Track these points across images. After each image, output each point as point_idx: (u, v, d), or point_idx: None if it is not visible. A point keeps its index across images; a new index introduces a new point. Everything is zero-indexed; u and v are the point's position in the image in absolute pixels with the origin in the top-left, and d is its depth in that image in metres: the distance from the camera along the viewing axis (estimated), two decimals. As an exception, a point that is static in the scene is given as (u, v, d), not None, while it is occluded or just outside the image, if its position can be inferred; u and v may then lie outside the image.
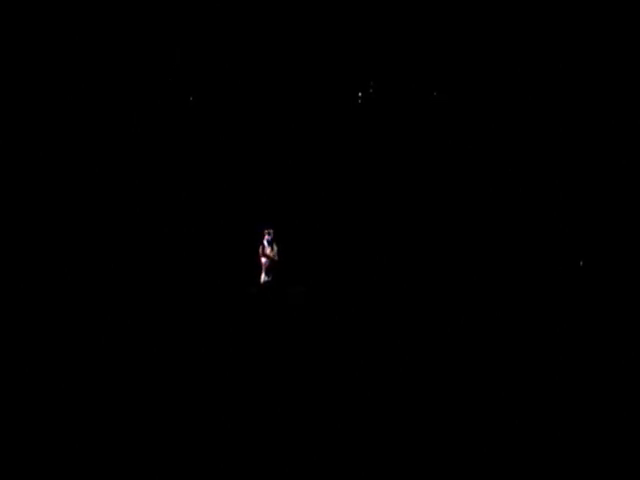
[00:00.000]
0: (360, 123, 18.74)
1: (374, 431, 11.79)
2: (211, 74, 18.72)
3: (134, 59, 18.53)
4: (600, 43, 18.23)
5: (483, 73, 18.51)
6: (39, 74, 18.21)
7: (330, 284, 16.60)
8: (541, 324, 14.52)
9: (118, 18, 18.46)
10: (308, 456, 11.37)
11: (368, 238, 17.73)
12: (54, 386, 12.98)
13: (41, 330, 14.54)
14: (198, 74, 18.72)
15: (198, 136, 18.62)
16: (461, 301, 15.56)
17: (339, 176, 18.40)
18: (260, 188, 18.28)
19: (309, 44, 18.64)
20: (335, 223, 18.03)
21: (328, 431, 11.85)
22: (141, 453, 11.54)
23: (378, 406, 12.40)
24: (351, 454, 11.37)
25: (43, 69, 18.25)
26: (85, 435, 11.88)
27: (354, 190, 18.28)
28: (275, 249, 16.58)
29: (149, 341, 14.39)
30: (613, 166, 17.73)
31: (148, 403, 12.51)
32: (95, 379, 13.13)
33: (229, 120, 18.69)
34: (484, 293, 15.83)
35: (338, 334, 14.91)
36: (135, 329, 14.80)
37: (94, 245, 17.25)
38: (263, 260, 16.58)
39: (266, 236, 16.54)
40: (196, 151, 18.47)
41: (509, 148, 18.25)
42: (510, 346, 13.86)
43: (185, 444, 11.67)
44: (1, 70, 18.07)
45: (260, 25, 18.64)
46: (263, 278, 16.60)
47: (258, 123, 18.49)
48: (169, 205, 18.10)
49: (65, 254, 17.00)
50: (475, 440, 11.55)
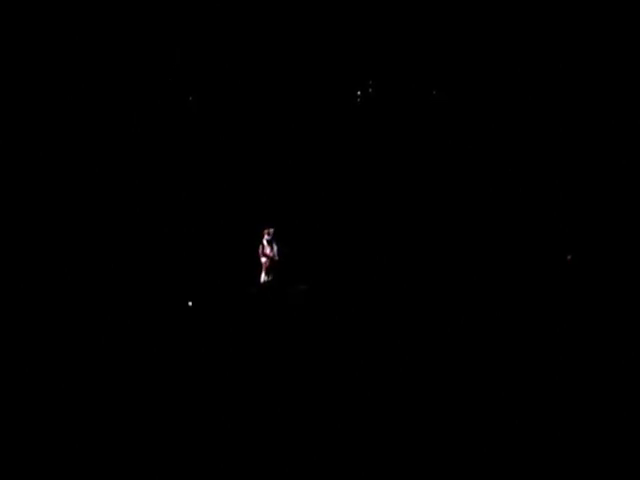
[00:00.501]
0: (359, 122, 18.73)
1: (375, 431, 11.76)
2: (210, 71, 18.69)
3: (134, 58, 18.51)
4: (600, 43, 18.28)
5: (483, 72, 18.51)
6: (38, 73, 18.18)
7: (331, 283, 16.57)
8: (540, 323, 14.50)
9: (118, 18, 18.46)
10: (309, 456, 11.35)
11: (368, 237, 17.71)
12: (54, 386, 12.97)
13: (41, 329, 14.51)
14: (197, 72, 18.70)
15: (198, 135, 18.58)
16: (462, 299, 15.53)
17: (339, 174, 18.39)
18: (260, 187, 18.25)
19: (308, 43, 18.64)
20: (335, 222, 18.00)
21: (329, 431, 11.82)
22: (141, 452, 11.52)
23: (379, 406, 12.37)
24: (352, 454, 11.36)
25: (42, 68, 18.22)
26: (85, 435, 11.87)
27: (354, 188, 18.26)
28: (275, 248, 16.57)
29: (148, 341, 14.35)
30: (611, 166, 17.74)
31: (147, 403, 12.47)
32: (94, 378, 13.09)
33: (229, 119, 18.67)
34: (485, 288, 15.81)
35: (339, 333, 14.88)
36: (135, 328, 14.77)
37: (93, 244, 17.20)
38: (263, 259, 16.55)
39: (266, 235, 16.56)
40: (196, 150, 18.43)
41: (507, 148, 18.25)
42: (509, 344, 13.85)
43: (185, 444, 11.65)
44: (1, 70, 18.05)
45: (259, 24, 18.64)
46: (263, 278, 16.58)
47: (258, 122, 18.46)
48: (169, 204, 18.06)
49: (64, 252, 16.94)
50: (475, 440, 11.56)
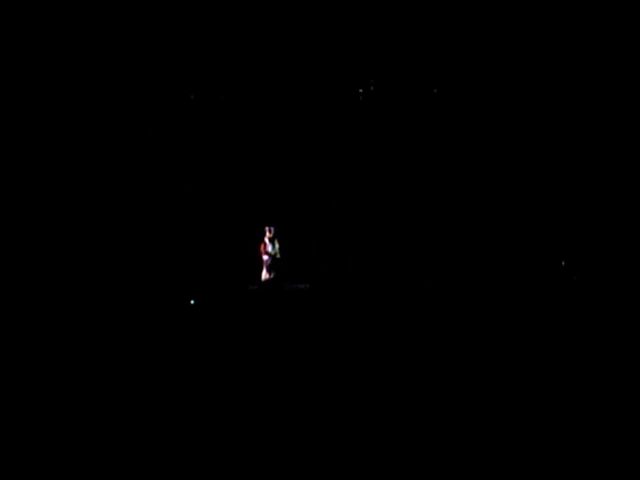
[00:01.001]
0: (361, 120, 18.72)
1: (376, 431, 11.77)
2: (210, 70, 18.68)
3: (135, 57, 18.51)
4: (600, 43, 18.28)
5: (484, 71, 18.50)
6: (39, 73, 18.18)
7: (332, 281, 16.60)
8: (540, 325, 14.53)
9: (119, 18, 18.46)
10: (309, 456, 11.36)
11: (370, 235, 17.72)
12: (54, 386, 12.98)
13: (41, 329, 14.52)
14: (197, 70, 18.69)
15: (198, 134, 18.58)
16: (464, 299, 15.54)
17: (341, 172, 18.39)
18: (261, 185, 18.25)
19: (309, 42, 18.63)
20: (337, 220, 18.01)
21: (330, 430, 11.82)
22: (141, 452, 11.55)
23: (381, 406, 12.38)
24: (353, 454, 11.37)
25: (43, 68, 18.22)
26: (85, 435, 11.88)
27: (356, 186, 18.26)
28: (277, 246, 16.60)
29: (148, 339, 14.36)
30: (612, 169, 17.76)
31: (147, 401, 12.48)
32: (94, 376, 13.10)
33: (229, 117, 18.66)
34: (488, 289, 15.82)
35: (340, 332, 14.90)
36: (134, 326, 14.78)
37: (94, 241, 17.21)
38: (264, 257, 16.59)
39: (267, 233, 16.59)
40: (199, 148, 18.43)
41: (509, 148, 18.25)
42: (509, 346, 13.87)
43: (185, 443, 11.66)
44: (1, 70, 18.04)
45: (260, 23, 18.62)
46: (264, 275, 16.61)
47: (258, 120, 18.45)
48: (170, 203, 18.06)
49: (64, 252, 16.96)
50: (477, 440, 11.59)
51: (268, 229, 16.54)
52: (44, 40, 18.11)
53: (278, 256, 16.54)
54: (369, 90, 18.84)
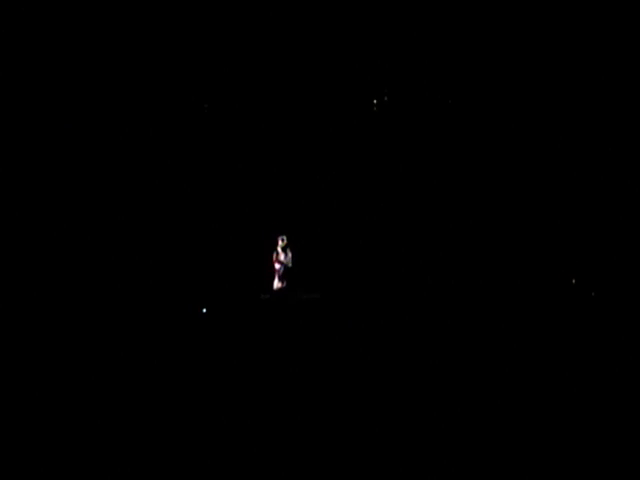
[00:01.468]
0: (376, 130, 18.69)
1: (389, 443, 11.70)
2: (224, 81, 18.71)
3: (135, 58, 18.54)
4: (601, 43, 18.26)
5: (496, 82, 18.47)
6: (39, 73, 18.20)
7: (345, 291, 16.51)
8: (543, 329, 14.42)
9: (120, 18, 18.52)
10: (320, 464, 11.31)
11: (383, 244, 17.63)
12: (55, 386, 12.94)
13: (43, 331, 14.44)
14: (213, 82, 18.74)
15: (214, 143, 18.58)
16: (483, 311, 15.39)
17: (354, 182, 18.34)
18: (273, 194, 18.23)
19: (325, 53, 18.65)
20: (349, 229, 17.94)
21: (341, 442, 11.76)
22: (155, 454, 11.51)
23: (394, 419, 12.31)
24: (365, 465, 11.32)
25: (43, 68, 18.25)
26: (89, 436, 11.83)
27: (369, 196, 18.20)
28: (289, 255, 16.53)
29: (159, 348, 14.32)
30: (615, 173, 17.64)
31: (155, 411, 12.42)
32: (107, 383, 13.07)
33: (243, 127, 18.66)
34: (509, 305, 15.63)
35: (352, 342, 14.81)
36: (146, 334, 14.73)
37: (103, 251, 17.15)
38: (277, 266, 16.52)
39: (279, 242, 16.54)
40: (210, 157, 18.43)
41: (514, 153, 18.16)
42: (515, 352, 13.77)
43: (193, 452, 11.62)
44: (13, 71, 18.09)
45: (276, 34, 18.68)
46: (276, 285, 16.55)
47: (272, 129, 18.45)
48: (181, 212, 18.04)
49: (74, 260, 16.92)
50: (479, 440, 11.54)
51: (280, 238, 16.52)
52: (44, 40, 18.19)
53: (290, 265, 16.49)
54: (383, 100, 18.83)
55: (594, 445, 11.35)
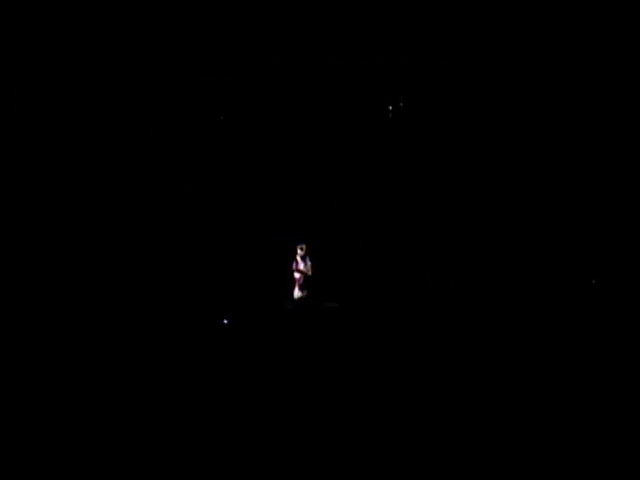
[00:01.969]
0: (392, 136, 18.72)
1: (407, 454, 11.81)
2: (240, 87, 18.77)
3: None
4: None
5: (514, 87, 18.49)
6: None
7: (366, 300, 16.53)
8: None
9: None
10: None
11: (405, 252, 17.64)
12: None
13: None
14: (228, 86, 18.79)
15: (229, 150, 18.63)
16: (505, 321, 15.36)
17: (373, 189, 18.37)
18: (292, 203, 18.28)
19: (340, 61, 18.70)
20: (370, 237, 17.96)
21: (359, 454, 11.87)
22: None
23: (415, 430, 12.39)
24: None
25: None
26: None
27: (389, 203, 18.23)
28: (308, 264, 16.56)
29: (177, 358, 14.40)
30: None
31: (170, 422, 12.51)
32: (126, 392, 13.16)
33: (261, 133, 18.71)
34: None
35: (373, 351, 14.84)
36: (165, 343, 14.79)
37: (120, 263, 17.13)
38: (296, 275, 16.54)
39: (299, 251, 16.56)
40: (228, 165, 18.48)
41: (520, 154, 18.15)
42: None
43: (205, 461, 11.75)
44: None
45: (291, 39, 18.72)
46: (297, 294, 16.56)
47: (291, 136, 18.49)
48: (198, 220, 18.08)
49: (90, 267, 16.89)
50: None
51: (299, 247, 16.55)
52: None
53: (310, 274, 16.52)
54: (399, 107, 18.85)
55: (596, 443, 11.40)
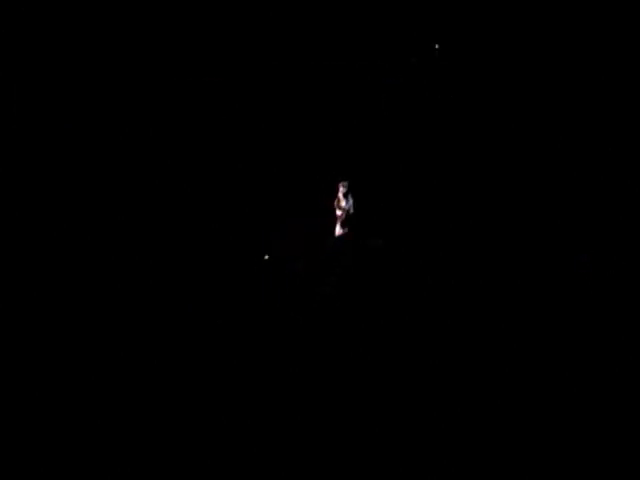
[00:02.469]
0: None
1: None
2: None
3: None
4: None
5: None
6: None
7: (409, 237, 16.49)
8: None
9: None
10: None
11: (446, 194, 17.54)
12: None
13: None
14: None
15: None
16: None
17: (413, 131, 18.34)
18: (334, 140, 18.18)
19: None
20: (412, 177, 17.88)
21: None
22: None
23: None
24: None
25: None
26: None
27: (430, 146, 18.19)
28: (350, 201, 16.49)
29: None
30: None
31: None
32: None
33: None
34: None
35: (419, 292, 14.87)
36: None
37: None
38: (338, 213, 16.52)
39: (341, 188, 16.47)
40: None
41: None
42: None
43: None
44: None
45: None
46: (338, 231, 16.58)
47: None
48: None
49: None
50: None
51: (341, 184, 16.45)
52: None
53: (352, 211, 16.47)
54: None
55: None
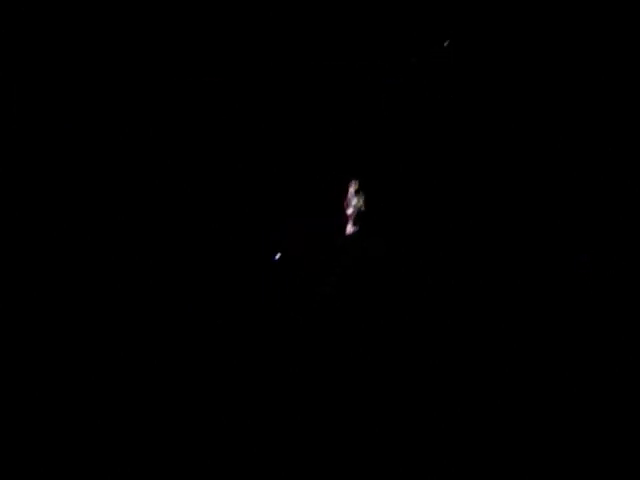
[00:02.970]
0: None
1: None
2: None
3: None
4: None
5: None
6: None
7: (408, 237, 16.28)
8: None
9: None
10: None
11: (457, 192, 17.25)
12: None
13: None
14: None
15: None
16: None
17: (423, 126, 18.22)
18: (345, 136, 18.26)
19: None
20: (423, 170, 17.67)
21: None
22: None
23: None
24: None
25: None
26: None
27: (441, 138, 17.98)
28: (362, 199, 16.41)
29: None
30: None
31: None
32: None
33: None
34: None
35: (418, 292, 14.54)
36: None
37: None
38: (349, 211, 16.45)
39: (352, 186, 16.46)
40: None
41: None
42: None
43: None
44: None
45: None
46: (349, 229, 16.44)
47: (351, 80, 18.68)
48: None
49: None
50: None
51: (354, 182, 16.45)
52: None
53: (363, 209, 16.33)
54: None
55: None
